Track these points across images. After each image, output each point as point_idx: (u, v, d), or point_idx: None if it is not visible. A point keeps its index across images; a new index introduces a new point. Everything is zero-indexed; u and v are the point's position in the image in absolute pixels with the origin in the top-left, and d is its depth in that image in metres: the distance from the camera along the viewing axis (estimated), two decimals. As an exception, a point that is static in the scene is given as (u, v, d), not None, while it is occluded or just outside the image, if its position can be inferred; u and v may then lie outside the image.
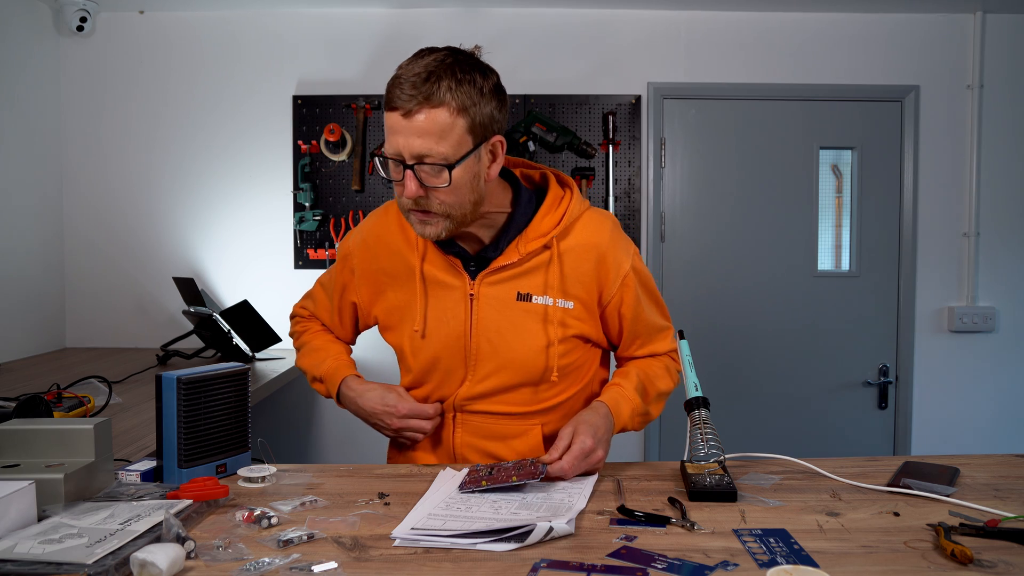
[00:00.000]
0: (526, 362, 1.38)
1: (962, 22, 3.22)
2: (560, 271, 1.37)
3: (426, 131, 1.19)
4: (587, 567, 0.92)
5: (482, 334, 1.38)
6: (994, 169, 3.24)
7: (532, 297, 1.37)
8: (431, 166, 1.21)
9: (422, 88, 1.18)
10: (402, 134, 1.20)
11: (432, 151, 1.20)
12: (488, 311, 1.38)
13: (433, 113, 1.19)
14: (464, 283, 1.38)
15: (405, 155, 1.21)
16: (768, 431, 3.27)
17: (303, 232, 3.21)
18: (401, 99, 1.19)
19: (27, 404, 1.45)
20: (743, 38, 3.22)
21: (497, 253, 1.37)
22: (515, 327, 1.37)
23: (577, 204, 1.39)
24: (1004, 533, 1.01)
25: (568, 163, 3.20)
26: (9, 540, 0.92)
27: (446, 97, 1.19)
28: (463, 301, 1.38)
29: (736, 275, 3.26)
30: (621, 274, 1.41)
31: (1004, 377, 3.28)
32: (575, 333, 1.40)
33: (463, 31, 3.18)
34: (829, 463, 1.34)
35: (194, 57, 3.22)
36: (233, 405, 1.32)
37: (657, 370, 1.48)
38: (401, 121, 1.20)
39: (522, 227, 1.37)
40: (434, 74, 1.19)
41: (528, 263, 1.37)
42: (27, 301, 3.01)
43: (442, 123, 1.19)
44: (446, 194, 1.24)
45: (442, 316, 1.40)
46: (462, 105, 1.20)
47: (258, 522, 1.06)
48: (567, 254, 1.37)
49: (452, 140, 1.21)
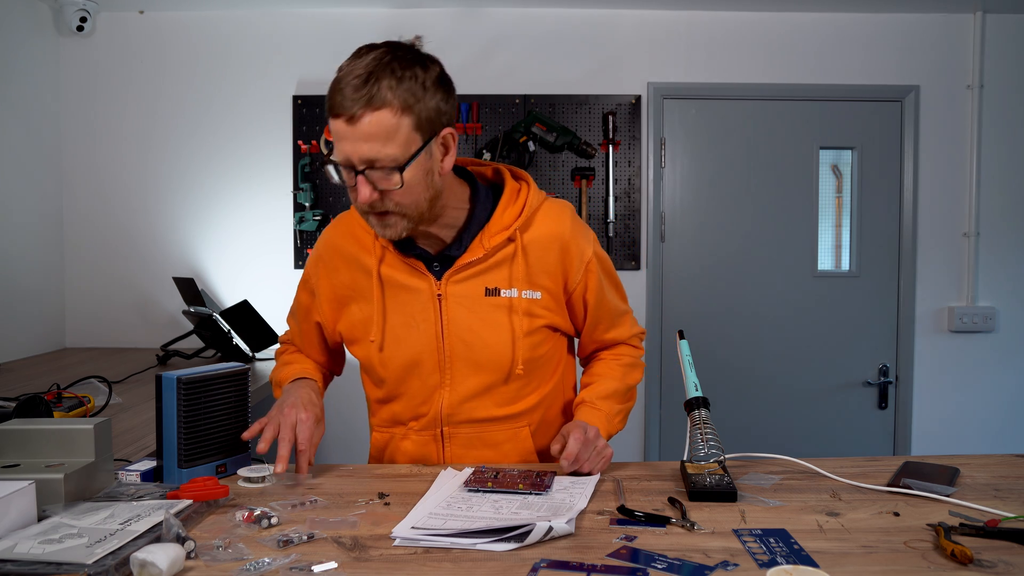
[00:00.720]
0: (500, 357, 1.37)
1: (962, 22, 3.22)
2: (525, 262, 1.36)
3: (372, 135, 1.16)
4: (587, 567, 0.92)
5: (455, 334, 1.36)
6: (994, 169, 3.24)
7: (500, 291, 1.36)
8: (381, 170, 1.19)
9: (362, 91, 1.15)
10: (348, 140, 1.17)
11: (380, 154, 1.17)
12: (458, 310, 1.36)
13: (376, 116, 1.15)
14: (430, 284, 1.36)
15: (354, 161, 1.18)
16: (768, 431, 3.27)
17: (303, 232, 3.21)
18: (343, 105, 1.16)
19: (27, 404, 1.45)
20: (743, 38, 3.22)
21: (461, 250, 1.35)
22: (487, 324, 1.36)
23: (535, 195, 1.38)
24: (1004, 533, 1.01)
25: (568, 163, 3.21)
26: (9, 540, 0.92)
27: (387, 97, 1.15)
28: (431, 302, 1.36)
29: (736, 275, 3.26)
30: (584, 261, 1.40)
31: (1004, 377, 3.28)
32: (545, 323, 1.39)
33: (463, 31, 3.18)
34: (829, 463, 1.34)
35: (194, 57, 3.22)
36: (233, 405, 1.32)
37: (615, 368, 1.50)
38: (345, 127, 1.16)
39: (483, 222, 1.36)
40: (373, 74, 1.15)
41: (493, 258, 1.36)
42: (27, 301, 3.01)
43: (387, 125, 1.16)
44: (400, 195, 1.21)
45: (410, 321, 1.37)
46: (405, 103, 1.17)
47: (258, 522, 1.06)
48: (531, 245, 1.36)
49: (399, 141, 1.18)
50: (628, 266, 3.23)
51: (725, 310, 3.26)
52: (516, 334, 1.36)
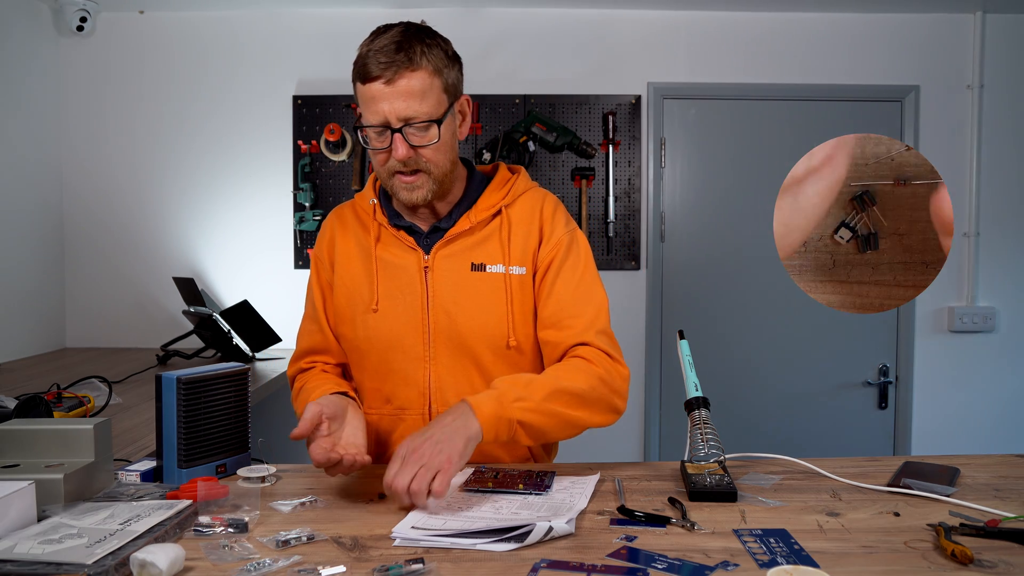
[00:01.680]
0: (484, 331, 1.37)
1: (962, 22, 3.22)
2: (509, 239, 1.41)
3: (410, 93, 1.26)
4: (587, 567, 0.92)
5: (439, 306, 1.38)
6: (994, 169, 3.24)
7: (486, 266, 1.40)
8: (419, 126, 1.28)
9: (399, 54, 1.25)
10: (386, 100, 1.26)
11: (418, 111, 1.27)
12: (443, 283, 1.39)
13: (414, 75, 1.26)
14: (418, 258, 1.40)
15: (392, 119, 1.27)
16: (768, 431, 3.27)
17: (303, 232, 3.21)
18: (379, 67, 1.25)
19: (27, 404, 1.45)
20: (743, 38, 3.22)
21: (451, 224, 1.41)
22: (470, 298, 1.38)
23: (524, 181, 1.47)
24: (1004, 533, 1.00)
25: (568, 163, 3.20)
26: (9, 540, 0.92)
27: (422, 61, 1.26)
28: (418, 275, 1.40)
29: (736, 275, 3.26)
30: (555, 237, 1.42)
31: (1004, 377, 3.28)
32: (531, 301, 1.41)
33: (463, 31, 3.18)
34: (829, 463, 1.34)
35: (194, 57, 3.22)
36: (233, 405, 1.32)
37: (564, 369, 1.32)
38: (384, 88, 1.26)
39: (474, 201, 1.43)
40: (405, 42, 1.26)
41: (480, 232, 1.41)
42: (27, 301, 3.01)
43: (423, 84, 1.27)
44: (433, 151, 1.30)
45: (396, 294, 1.40)
46: (436, 67, 1.28)
47: (233, 526, 1.04)
48: (515, 224, 1.42)
49: (433, 99, 1.28)
50: (628, 266, 3.23)
51: (725, 310, 3.26)
52: (506, 308, 1.38)
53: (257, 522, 1.07)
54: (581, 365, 1.32)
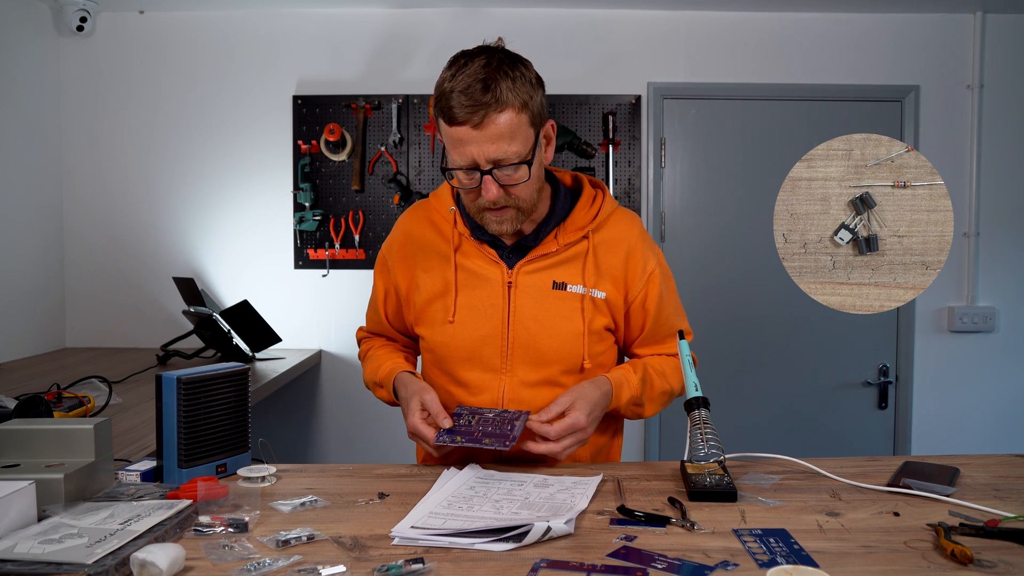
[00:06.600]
0: (562, 350, 1.39)
1: (962, 22, 3.22)
2: (595, 262, 1.41)
3: (498, 136, 1.24)
4: (587, 567, 0.92)
5: (519, 322, 1.39)
6: (994, 169, 3.24)
7: (567, 286, 1.40)
8: (508, 167, 1.26)
9: (484, 97, 1.22)
10: (474, 143, 1.24)
11: (507, 152, 1.25)
12: (526, 299, 1.39)
13: (501, 117, 1.23)
14: (501, 272, 1.40)
15: (481, 162, 1.26)
16: (768, 431, 3.27)
17: (303, 232, 3.21)
18: (465, 111, 1.22)
19: (27, 404, 1.45)
20: (743, 38, 3.22)
21: (536, 242, 1.41)
22: (551, 315, 1.39)
23: (610, 202, 1.46)
24: (1004, 533, 1.01)
25: (568, 163, 3.20)
26: (9, 540, 0.92)
27: (508, 98, 1.23)
28: (501, 289, 1.40)
29: (736, 275, 3.26)
30: (648, 270, 1.44)
31: (1004, 377, 3.28)
32: (606, 324, 1.43)
33: (463, 31, 3.18)
34: (829, 463, 1.34)
35: (194, 57, 3.22)
36: (233, 405, 1.32)
37: (668, 367, 1.49)
38: (471, 132, 1.24)
39: (561, 219, 1.42)
40: (490, 79, 1.23)
41: (564, 253, 1.41)
42: (27, 301, 3.01)
43: (511, 124, 1.24)
44: (521, 189, 1.30)
45: (478, 305, 1.41)
46: (523, 102, 1.25)
47: (233, 526, 1.04)
48: (600, 247, 1.42)
49: (521, 137, 1.26)
50: (628, 266, 3.23)
51: (725, 310, 3.26)
52: (583, 328, 1.39)
53: (257, 522, 1.07)
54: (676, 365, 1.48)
